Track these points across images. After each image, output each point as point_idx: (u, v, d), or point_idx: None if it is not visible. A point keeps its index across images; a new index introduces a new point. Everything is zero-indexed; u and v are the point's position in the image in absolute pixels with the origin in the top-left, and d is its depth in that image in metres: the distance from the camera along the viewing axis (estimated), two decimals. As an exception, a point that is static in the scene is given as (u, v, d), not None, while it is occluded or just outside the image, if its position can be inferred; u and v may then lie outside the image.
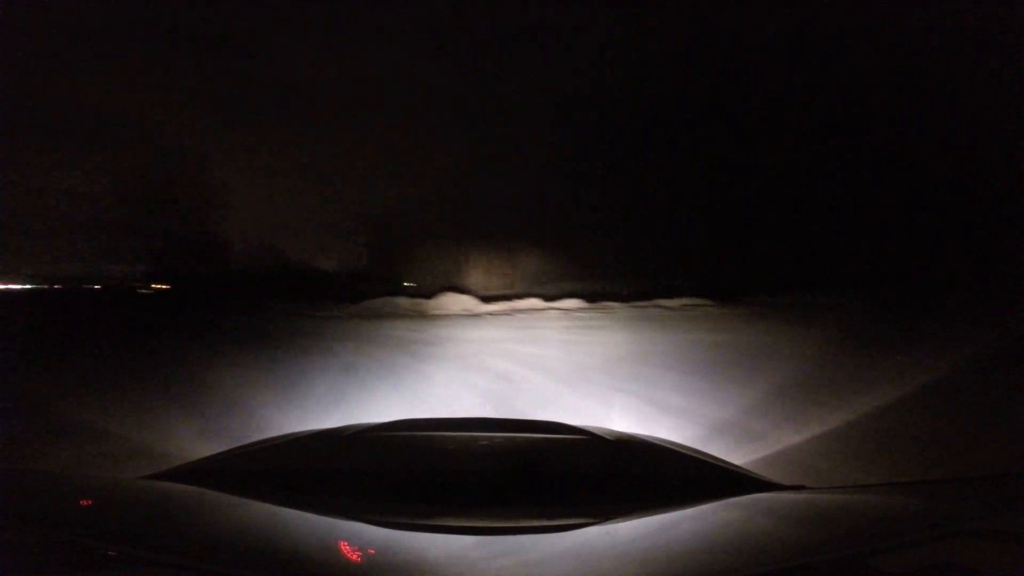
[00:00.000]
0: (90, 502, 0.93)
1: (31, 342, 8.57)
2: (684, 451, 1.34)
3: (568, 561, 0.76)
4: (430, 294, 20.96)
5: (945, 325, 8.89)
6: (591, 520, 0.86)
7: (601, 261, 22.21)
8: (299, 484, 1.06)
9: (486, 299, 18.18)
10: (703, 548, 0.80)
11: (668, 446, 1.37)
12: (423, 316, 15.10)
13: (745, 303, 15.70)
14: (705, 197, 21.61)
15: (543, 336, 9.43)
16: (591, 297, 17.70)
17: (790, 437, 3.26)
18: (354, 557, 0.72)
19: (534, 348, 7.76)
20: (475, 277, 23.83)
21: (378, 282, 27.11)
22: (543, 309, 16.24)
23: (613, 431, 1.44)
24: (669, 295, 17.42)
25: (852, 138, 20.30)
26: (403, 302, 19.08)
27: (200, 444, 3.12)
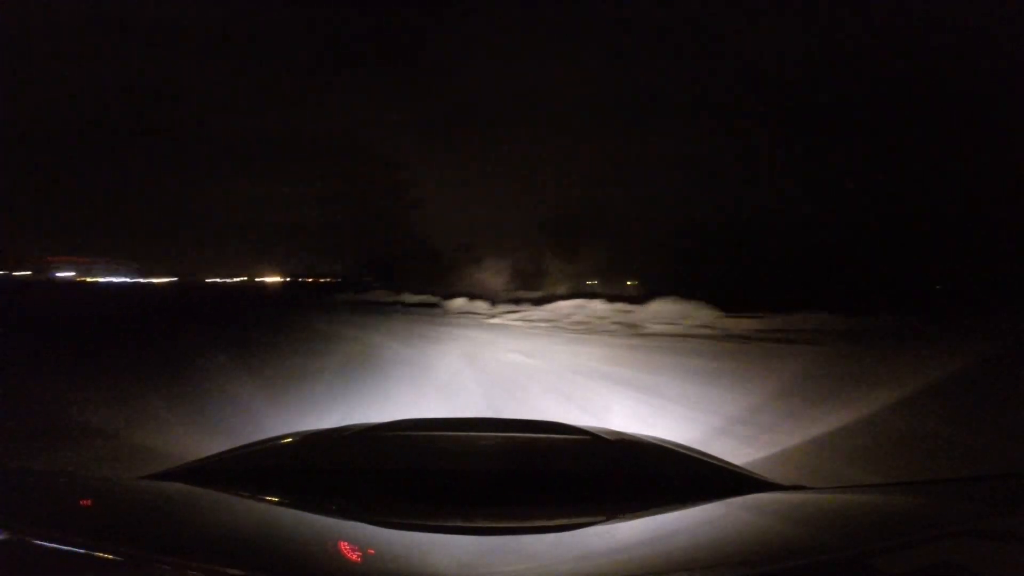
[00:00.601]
0: (90, 502, 0.91)
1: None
2: (684, 451, 1.32)
3: (569, 561, 0.75)
4: (639, 297, 15.83)
5: None
6: (592, 520, 0.86)
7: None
8: (299, 484, 1.04)
9: (729, 309, 12.14)
10: (703, 548, 0.78)
11: (668, 446, 1.35)
12: (641, 334, 10.03)
13: None
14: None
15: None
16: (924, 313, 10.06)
17: None
18: (354, 557, 0.71)
19: None
20: (701, 278, 17.85)
21: (561, 278, 24.90)
22: (855, 332, 9.32)
23: (613, 431, 1.42)
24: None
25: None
26: (601, 308, 14.56)
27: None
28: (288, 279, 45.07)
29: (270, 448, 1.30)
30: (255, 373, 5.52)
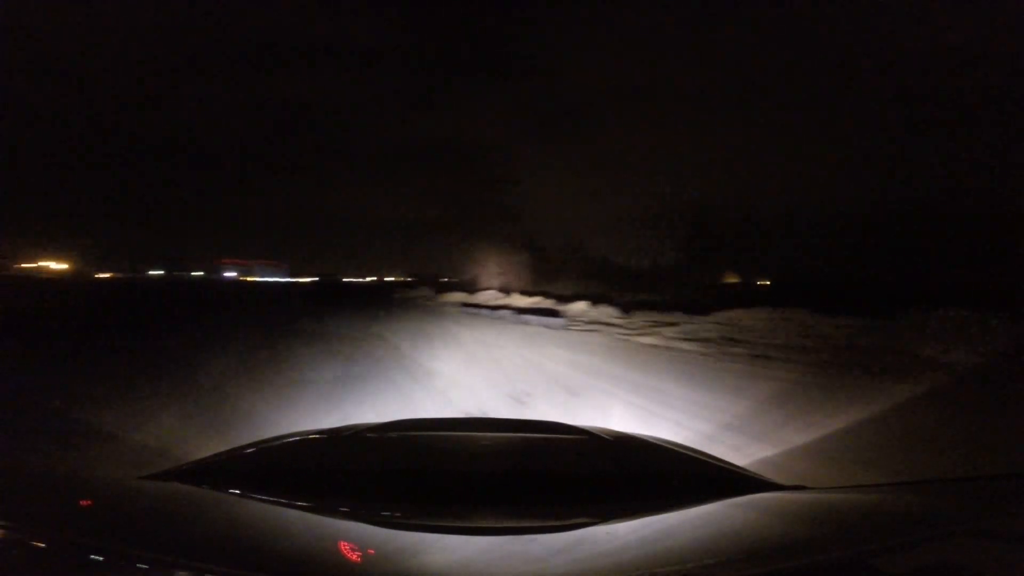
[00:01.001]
0: (90, 502, 0.91)
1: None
2: (684, 451, 1.30)
3: (568, 561, 0.74)
4: (867, 303, 10.46)
5: None
6: (591, 520, 0.85)
7: None
8: (299, 484, 1.03)
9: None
10: (704, 548, 0.78)
11: (668, 446, 1.33)
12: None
13: None
14: None
15: None
16: None
17: None
18: (354, 557, 0.71)
19: None
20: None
21: (685, 278, 21.78)
22: None
23: (613, 431, 1.40)
24: None
25: None
26: (811, 320, 9.47)
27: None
28: (408, 278, 47.56)
29: (270, 448, 1.27)
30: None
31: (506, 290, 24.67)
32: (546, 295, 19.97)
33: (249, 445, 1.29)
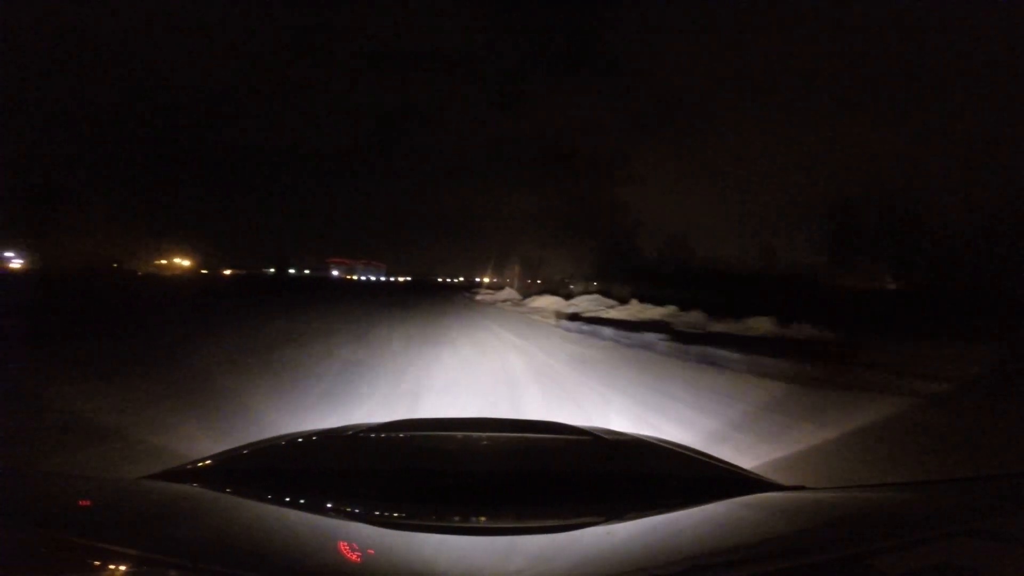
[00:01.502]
0: (89, 502, 0.91)
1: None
2: (685, 451, 1.31)
3: (569, 561, 0.74)
4: None
5: None
6: (592, 520, 0.85)
7: None
8: (299, 484, 1.03)
9: None
10: (704, 548, 0.78)
11: (668, 446, 1.34)
12: None
13: None
14: None
15: None
16: None
17: None
18: (354, 557, 0.71)
19: None
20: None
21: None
22: None
23: (613, 431, 1.41)
24: None
25: None
26: None
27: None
28: (496, 279, 47.88)
29: (270, 448, 1.28)
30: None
31: (620, 298, 19.22)
32: (681, 306, 15.10)
33: (249, 445, 1.30)
